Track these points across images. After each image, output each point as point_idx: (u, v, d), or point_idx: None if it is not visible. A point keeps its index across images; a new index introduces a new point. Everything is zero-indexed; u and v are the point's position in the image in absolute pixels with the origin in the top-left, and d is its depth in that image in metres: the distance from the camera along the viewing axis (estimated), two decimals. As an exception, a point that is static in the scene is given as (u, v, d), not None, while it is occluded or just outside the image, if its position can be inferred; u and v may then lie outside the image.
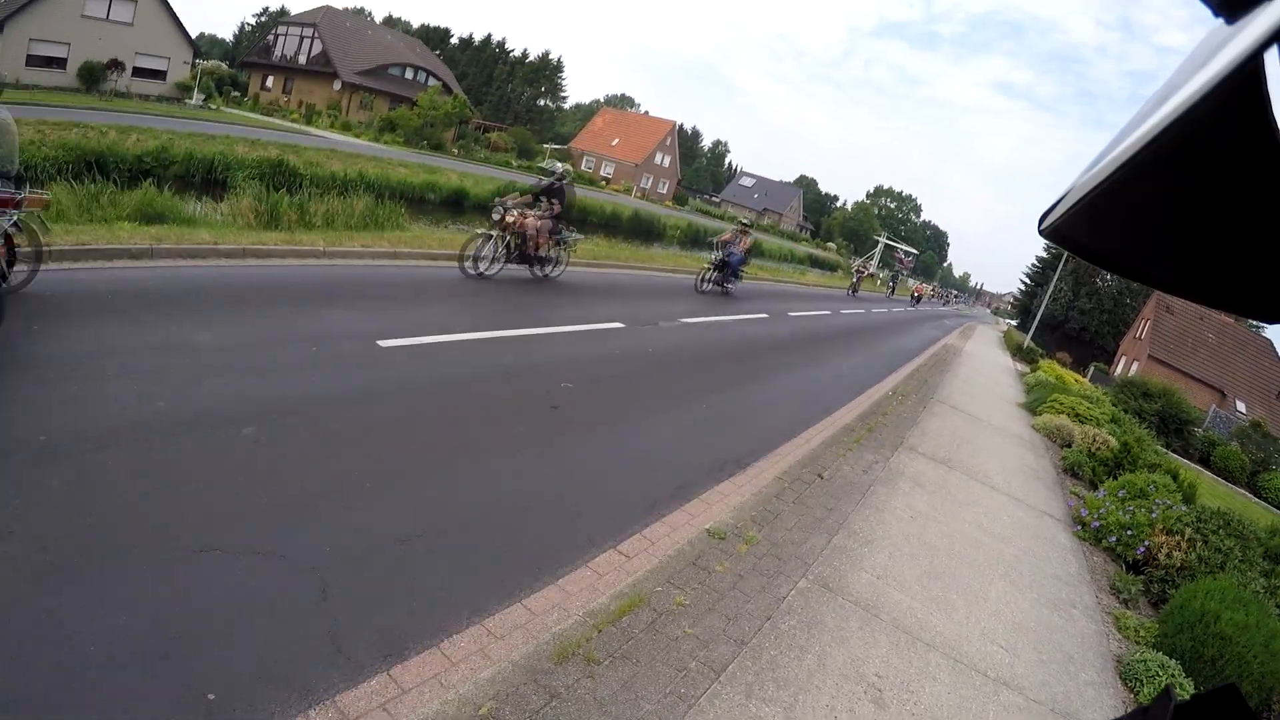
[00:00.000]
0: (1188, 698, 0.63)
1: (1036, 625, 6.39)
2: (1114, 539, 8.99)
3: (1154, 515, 9.11)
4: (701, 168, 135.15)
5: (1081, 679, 5.77)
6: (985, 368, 26.89)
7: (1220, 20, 0.46)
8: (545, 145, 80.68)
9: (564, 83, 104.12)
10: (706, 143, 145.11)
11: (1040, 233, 0.68)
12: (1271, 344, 50.00)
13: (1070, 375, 32.16)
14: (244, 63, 68.62)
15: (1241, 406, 42.97)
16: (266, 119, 49.36)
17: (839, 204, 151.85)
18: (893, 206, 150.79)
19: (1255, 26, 0.41)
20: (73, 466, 4.50)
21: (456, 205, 34.55)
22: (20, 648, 3.16)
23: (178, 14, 47.12)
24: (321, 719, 3.23)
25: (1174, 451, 25.16)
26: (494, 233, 13.47)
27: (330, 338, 7.93)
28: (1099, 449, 13.49)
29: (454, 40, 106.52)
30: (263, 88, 64.71)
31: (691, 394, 9.95)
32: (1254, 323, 49.60)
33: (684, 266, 25.48)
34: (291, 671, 3.45)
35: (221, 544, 4.17)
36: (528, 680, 3.77)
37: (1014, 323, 79.75)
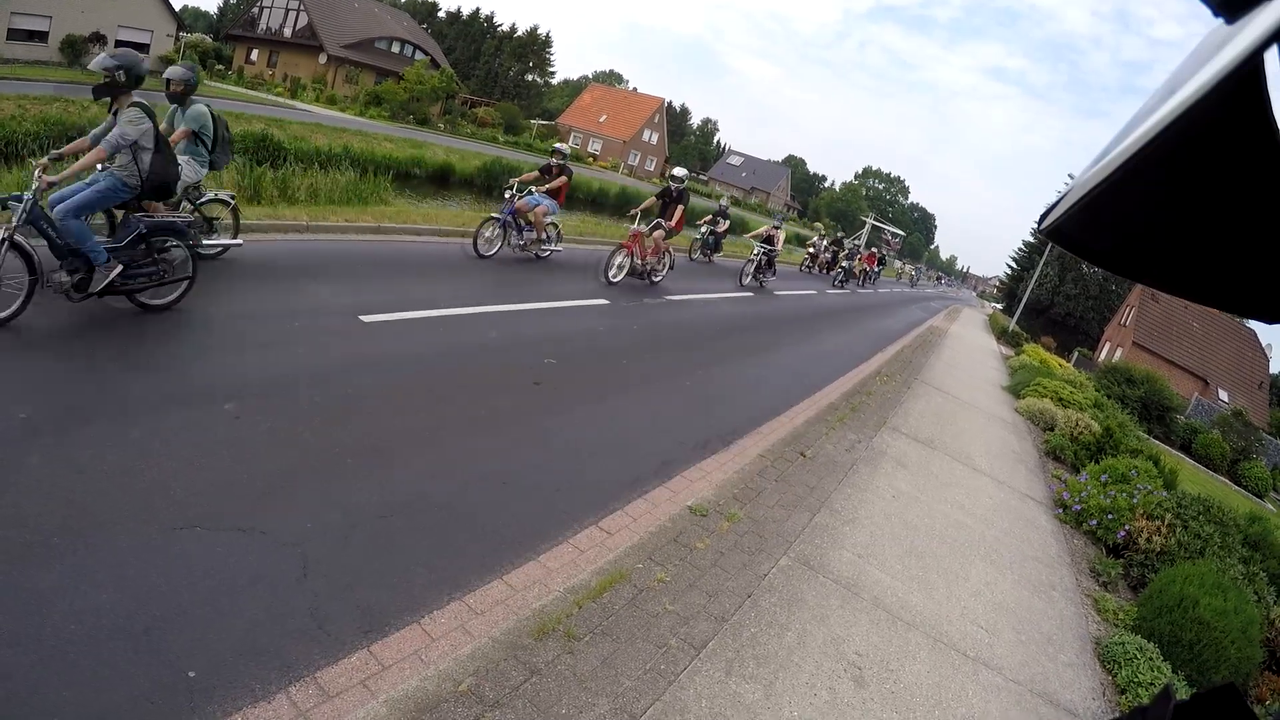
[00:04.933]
0: (1187, 697, 0.63)
1: (1016, 606, 6.44)
2: (1095, 522, 9.06)
3: (1135, 500, 9.19)
4: (690, 145, 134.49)
5: (1060, 660, 5.82)
6: (970, 350, 26.99)
7: (1220, 20, 0.46)
8: (533, 121, 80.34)
9: (552, 58, 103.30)
10: (695, 120, 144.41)
11: (1040, 232, 0.68)
12: (1255, 334, 50.41)
13: (1054, 360, 32.34)
14: (228, 35, 67.87)
15: (1224, 395, 43.33)
16: (251, 93, 48.86)
17: (827, 184, 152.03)
18: (881, 188, 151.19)
19: (1255, 26, 0.41)
20: (53, 443, 4.47)
21: (443, 180, 34.35)
22: (1, 625, 3.14)
23: (161, -14, 46.58)
24: (302, 695, 3.22)
25: (1156, 438, 25.38)
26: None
27: (312, 313, 7.88)
28: (1081, 433, 13.57)
29: (441, 14, 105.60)
30: (247, 61, 64.03)
31: (675, 371, 9.96)
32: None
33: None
34: (272, 648, 3.44)
35: (202, 520, 4.15)
36: (508, 656, 3.77)
37: (999, 306, 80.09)
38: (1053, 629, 6.31)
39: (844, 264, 33.91)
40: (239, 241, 9.08)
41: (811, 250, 35.41)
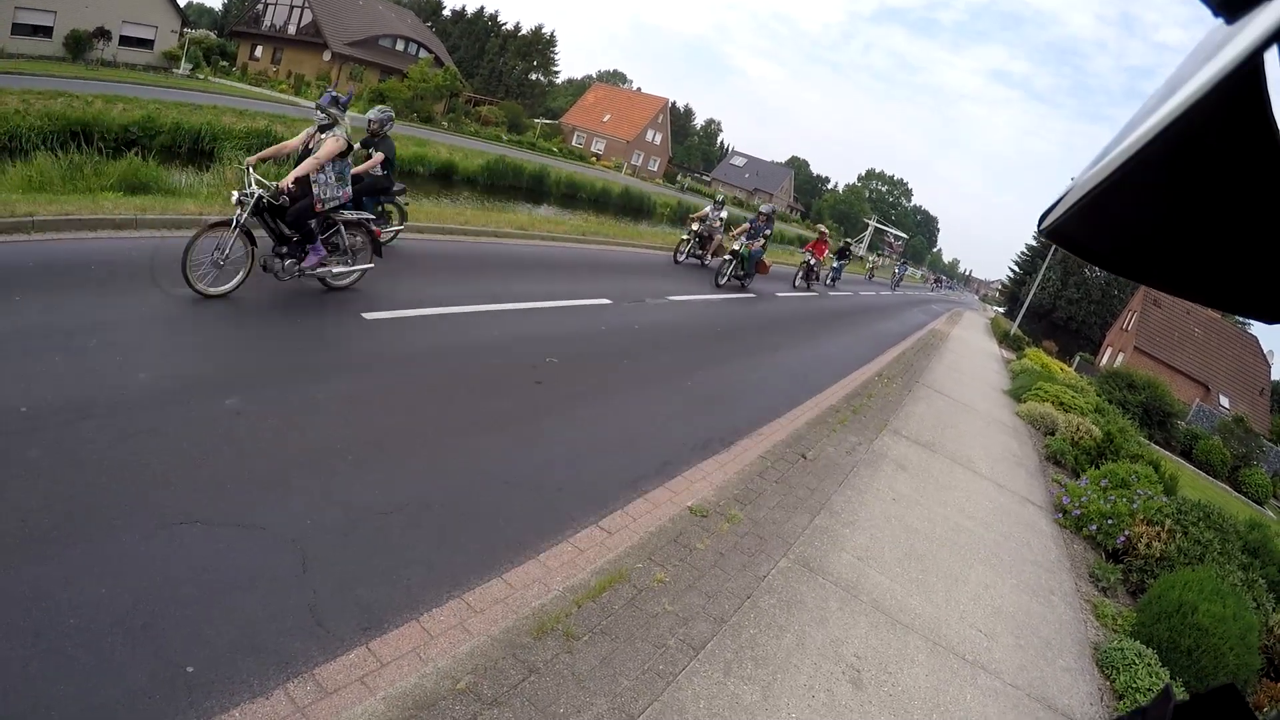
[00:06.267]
0: (1187, 697, 0.63)
1: (1015, 610, 6.43)
2: (1094, 527, 9.05)
3: (1135, 505, 9.18)
4: (693, 146, 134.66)
5: (1059, 665, 5.82)
6: (971, 354, 26.95)
7: (1220, 20, 0.45)
8: (536, 120, 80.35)
9: (556, 57, 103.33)
10: (699, 121, 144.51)
11: (1040, 232, 0.68)
12: (1257, 340, 50.36)
13: (1056, 364, 32.31)
14: (233, 32, 67.87)
15: (1225, 401, 43.28)
16: (255, 89, 48.88)
17: (830, 186, 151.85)
18: (884, 190, 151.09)
19: (1255, 26, 0.41)
20: (54, 437, 4.47)
21: (445, 178, 34.40)
22: (0, 619, 3.14)
23: (166, -19, 46.58)
24: (300, 692, 3.22)
25: (1156, 443, 25.37)
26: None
27: (315, 310, 7.88)
28: (1082, 438, 13.56)
29: (446, 12, 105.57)
30: (251, 58, 64.06)
31: (677, 371, 9.95)
32: (1240, 318, 49.86)
33: (672, 244, 25.39)
34: (271, 644, 3.44)
35: (202, 516, 4.15)
36: (506, 655, 3.77)
37: (1001, 310, 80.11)
38: (1051, 634, 6.31)
39: (735, 247, 19.61)
40: None
41: (696, 228, 21.22)
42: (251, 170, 7.77)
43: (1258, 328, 54.20)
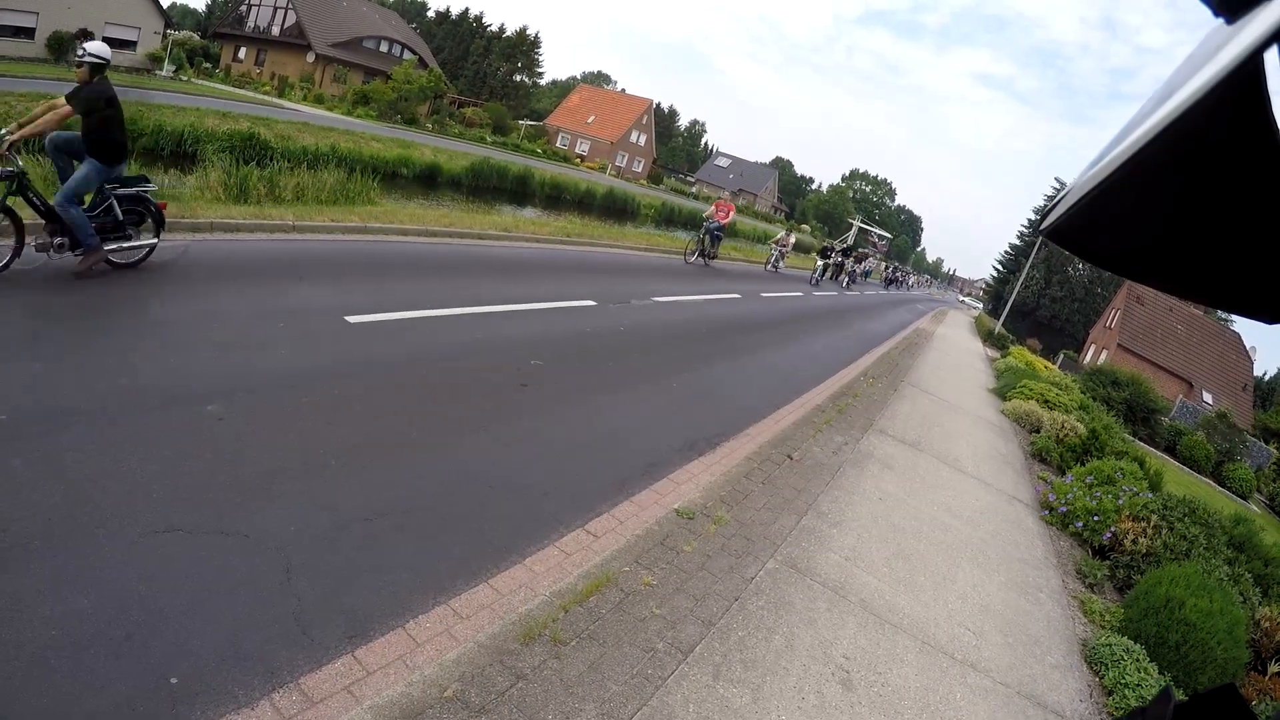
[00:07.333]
0: (1186, 698, 0.62)
1: (1003, 608, 6.44)
2: (1081, 524, 9.09)
3: (1120, 502, 9.22)
4: (677, 147, 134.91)
5: (1047, 662, 5.83)
6: (956, 352, 27.07)
7: (1220, 20, 0.46)
8: (521, 121, 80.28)
9: (541, 59, 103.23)
10: (683, 122, 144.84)
11: (1040, 232, 0.70)
12: (1240, 337, 50.77)
13: (1040, 362, 32.47)
14: (216, 33, 67.57)
15: (1208, 397, 43.59)
16: (238, 91, 48.66)
17: (814, 186, 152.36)
18: (868, 190, 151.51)
19: (1255, 26, 0.41)
20: (35, 446, 4.42)
21: (430, 180, 34.30)
22: (-24, 627, 3.10)
23: (149, -18, 46.31)
24: (286, 701, 3.19)
25: (1140, 440, 25.52)
26: None
27: (298, 313, 7.83)
28: (1067, 435, 13.61)
29: (430, 13, 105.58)
30: (235, 59, 63.84)
31: (662, 373, 9.94)
32: (1223, 315, 50.22)
33: (657, 245, 25.40)
34: (256, 653, 3.41)
35: (185, 524, 4.11)
36: (494, 661, 3.75)
37: (983, 308, 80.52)
38: (1040, 631, 6.32)
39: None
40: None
41: None
42: None
43: (1240, 324, 54.62)
